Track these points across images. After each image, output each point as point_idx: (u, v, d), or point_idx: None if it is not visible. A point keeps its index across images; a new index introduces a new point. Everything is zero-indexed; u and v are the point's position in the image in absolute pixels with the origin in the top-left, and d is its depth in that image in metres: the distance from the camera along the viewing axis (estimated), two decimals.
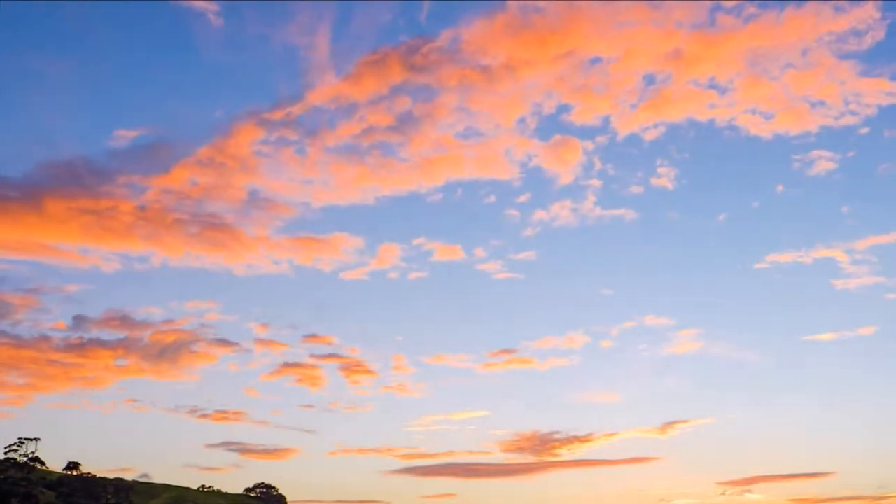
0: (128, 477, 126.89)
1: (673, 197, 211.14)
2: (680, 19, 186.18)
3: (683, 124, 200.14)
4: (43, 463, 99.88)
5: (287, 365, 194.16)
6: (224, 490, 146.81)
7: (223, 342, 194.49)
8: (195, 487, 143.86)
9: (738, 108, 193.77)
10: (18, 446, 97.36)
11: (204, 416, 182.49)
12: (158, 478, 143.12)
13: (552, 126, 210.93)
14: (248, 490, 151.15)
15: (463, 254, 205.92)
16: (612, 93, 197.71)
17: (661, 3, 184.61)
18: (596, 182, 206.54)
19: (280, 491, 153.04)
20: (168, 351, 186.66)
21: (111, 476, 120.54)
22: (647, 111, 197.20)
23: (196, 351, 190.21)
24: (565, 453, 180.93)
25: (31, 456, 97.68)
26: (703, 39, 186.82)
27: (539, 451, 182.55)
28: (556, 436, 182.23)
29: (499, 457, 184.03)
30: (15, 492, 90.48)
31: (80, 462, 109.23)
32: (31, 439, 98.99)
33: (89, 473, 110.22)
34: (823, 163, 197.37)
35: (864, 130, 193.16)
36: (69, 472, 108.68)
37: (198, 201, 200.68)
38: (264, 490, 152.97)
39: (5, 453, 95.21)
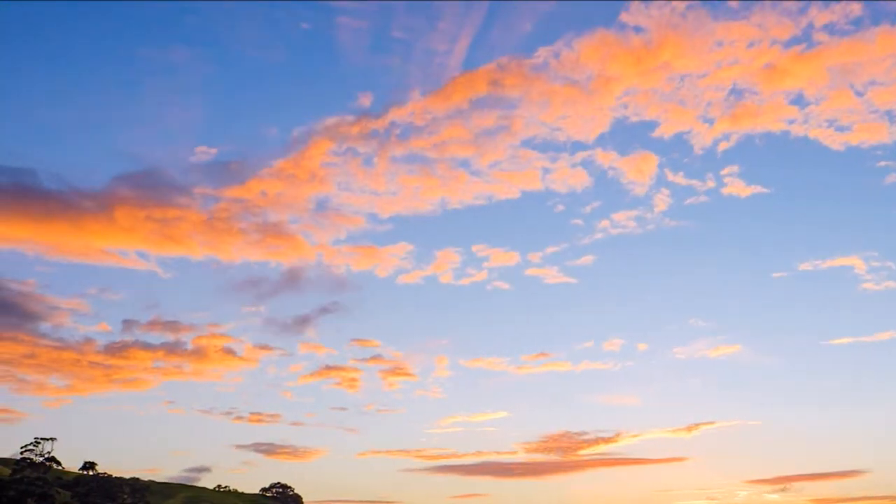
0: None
1: (740, 207, 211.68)
2: (776, 37, 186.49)
3: (761, 136, 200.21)
4: (59, 463, 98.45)
5: (328, 368, 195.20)
6: (241, 490, 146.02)
7: (266, 345, 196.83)
8: (211, 487, 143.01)
9: (818, 120, 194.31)
10: (35, 446, 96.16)
11: (239, 418, 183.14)
12: (182, 478, 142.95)
13: (633, 139, 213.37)
14: (264, 490, 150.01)
15: (518, 259, 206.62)
16: (697, 107, 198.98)
17: (762, 21, 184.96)
18: (665, 191, 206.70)
19: (300, 491, 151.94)
20: (211, 354, 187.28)
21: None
22: (727, 123, 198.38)
23: (239, 354, 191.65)
24: (594, 453, 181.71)
25: (47, 456, 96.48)
26: (797, 56, 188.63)
27: (567, 452, 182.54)
28: (585, 436, 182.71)
29: (528, 457, 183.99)
30: (31, 491, 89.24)
31: (96, 462, 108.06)
32: (48, 439, 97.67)
33: (105, 473, 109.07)
34: (892, 175, 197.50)
35: None
36: (85, 472, 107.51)
37: (264, 211, 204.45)
38: (280, 490, 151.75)
39: (21, 453, 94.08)
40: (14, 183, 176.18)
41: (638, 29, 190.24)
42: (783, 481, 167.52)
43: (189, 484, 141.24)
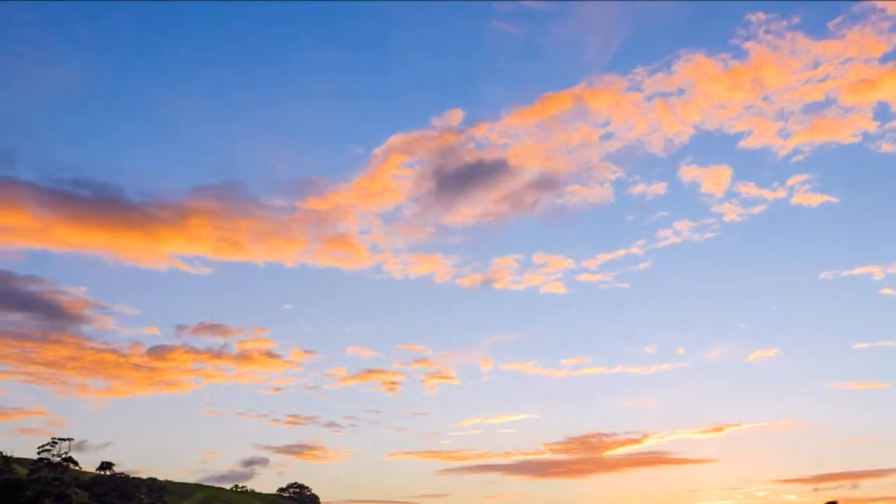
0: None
1: (803, 216, 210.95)
2: (869, 54, 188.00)
3: (835, 149, 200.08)
4: (76, 463, 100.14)
5: (369, 371, 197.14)
6: (264, 491, 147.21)
7: (311, 349, 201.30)
8: (228, 487, 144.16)
9: (894, 134, 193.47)
10: (52, 446, 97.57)
11: (275, 420, 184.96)
12: (207, 479, 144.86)
13: (713, 152, 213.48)
14: (281, 490, 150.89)
15: (574, 265, 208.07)
16: (780, 120, 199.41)
17: (858, 39, 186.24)
18: (735, 201, 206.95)
19: (319, 491, 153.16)
20: (255, 357, 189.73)
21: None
22: (805, 136, 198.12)
23: (285, 357, 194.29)
24: (622, 454, 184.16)
25: (64, 456, 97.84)
26: (888, 71, 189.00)
27: (595, 452, 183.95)
28: (614, 437, 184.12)
29: (559, 457, 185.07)
30: (48, 492, 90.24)
31: (113, 462, 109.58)
32: (65, 439, 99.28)
33: (122, 473, 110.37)
34: None
35: None
36: (102, 472, 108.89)
37: (335, 221, 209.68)
38: (297, 490, 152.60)
39: (38, 453, 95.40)
40: (97, 195, 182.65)
41: (737, 50, 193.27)
42: (816, 481, 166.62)
43: (208, 484, 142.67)
